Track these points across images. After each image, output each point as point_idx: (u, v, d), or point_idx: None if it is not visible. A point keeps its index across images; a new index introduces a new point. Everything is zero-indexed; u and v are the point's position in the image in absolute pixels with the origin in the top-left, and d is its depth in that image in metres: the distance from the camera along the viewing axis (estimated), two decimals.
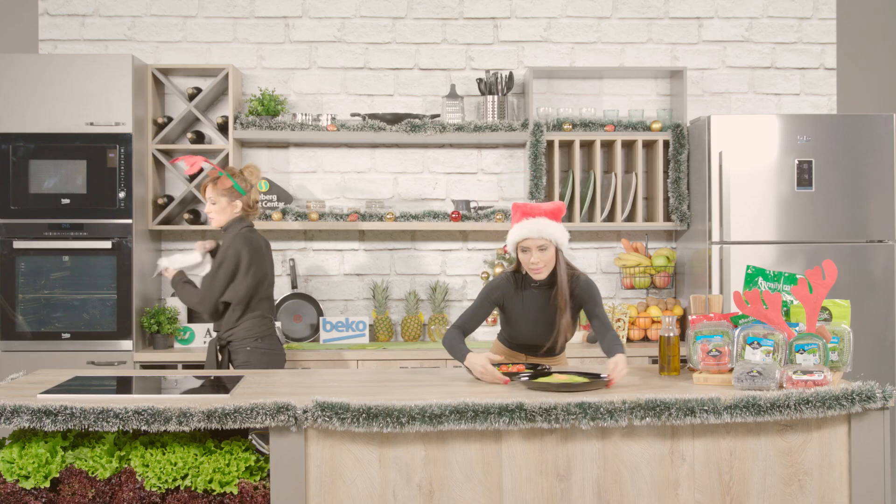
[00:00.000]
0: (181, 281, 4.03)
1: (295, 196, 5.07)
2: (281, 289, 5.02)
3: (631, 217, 4.97)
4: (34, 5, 5.03)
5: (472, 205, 4.95)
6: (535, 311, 3.46)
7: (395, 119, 4.83)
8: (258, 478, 2.80)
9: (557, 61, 5.16)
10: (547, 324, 3.46)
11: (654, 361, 4.56)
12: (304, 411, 2.73)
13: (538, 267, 3.38)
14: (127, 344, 4.54)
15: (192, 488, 2.75)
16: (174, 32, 5.06)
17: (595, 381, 3.02)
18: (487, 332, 5.05)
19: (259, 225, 4.80)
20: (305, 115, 4.89)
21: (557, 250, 3.40)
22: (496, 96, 4.92)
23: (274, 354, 4.02)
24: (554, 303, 3.42)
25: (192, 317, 4.90)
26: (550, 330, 3.46)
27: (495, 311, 4.33)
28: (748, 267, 3.34)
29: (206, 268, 4.10)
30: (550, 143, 4.92)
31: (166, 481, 2.74)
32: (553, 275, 3.42)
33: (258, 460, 2.83)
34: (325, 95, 5.10)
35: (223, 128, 4.88)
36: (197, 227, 4.94)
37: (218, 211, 4.02)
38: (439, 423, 2.72)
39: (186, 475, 2.76)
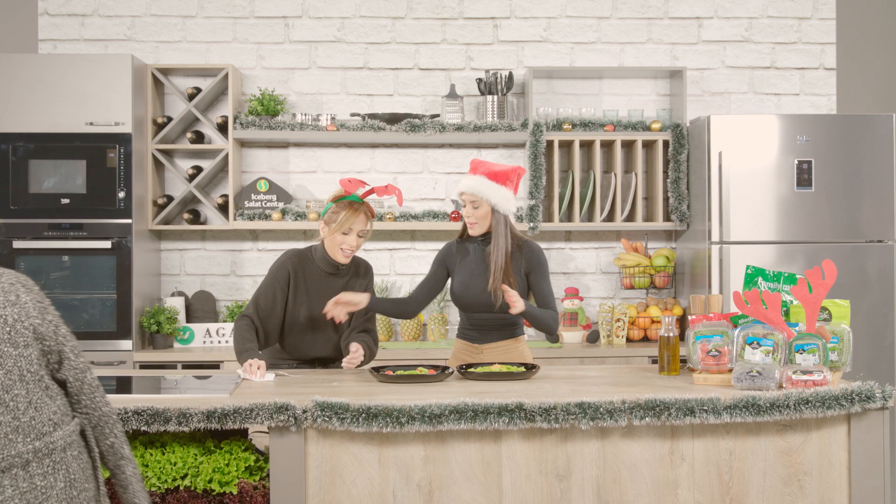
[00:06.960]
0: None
1: (294, 196, 5.06)
2: None
3: (631, 217, 4.97)
4: (34, 5, 5.03)
5: None
6: (476, 263, 3.57)
7: (394, 119, 4.83)
8: (258, 478, 2.80)
9: (557, 61, 5.16)
10: (485, 276, 3.53)
11: (654, 361, 4.56)
12: (304, 411, 2.73)
13: (471, 221, 3.53)
14: (127, 344, 4.54)
15: (192, 488, 2.75)
16: (174, 32, 5.06)
17: (440, 374, 3.20)
18: None
19: (259, 225, 4.80)
20: (305, 115, 4.89)
21: (495, 211, 3.50)
22: (496, 96, 4.92)
23: None
24: (488, 252, 3.52)
25: (192, 317, 4.90)
26: (488, 282, 3.51)
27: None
28: (748, 267, 3.33)
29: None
30: (550, 143, 4.92)
31: (166, 481, 2.74)
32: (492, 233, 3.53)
33: (258, 460, 2.83)
34: (324, 95, 5.10)
35: (223, 128, 4.88)
36: (196, 227, 4.94)
37: (360, 244, 3.49)
38: (439, 422, 2.72)
39: (186, 475, 2.75)
